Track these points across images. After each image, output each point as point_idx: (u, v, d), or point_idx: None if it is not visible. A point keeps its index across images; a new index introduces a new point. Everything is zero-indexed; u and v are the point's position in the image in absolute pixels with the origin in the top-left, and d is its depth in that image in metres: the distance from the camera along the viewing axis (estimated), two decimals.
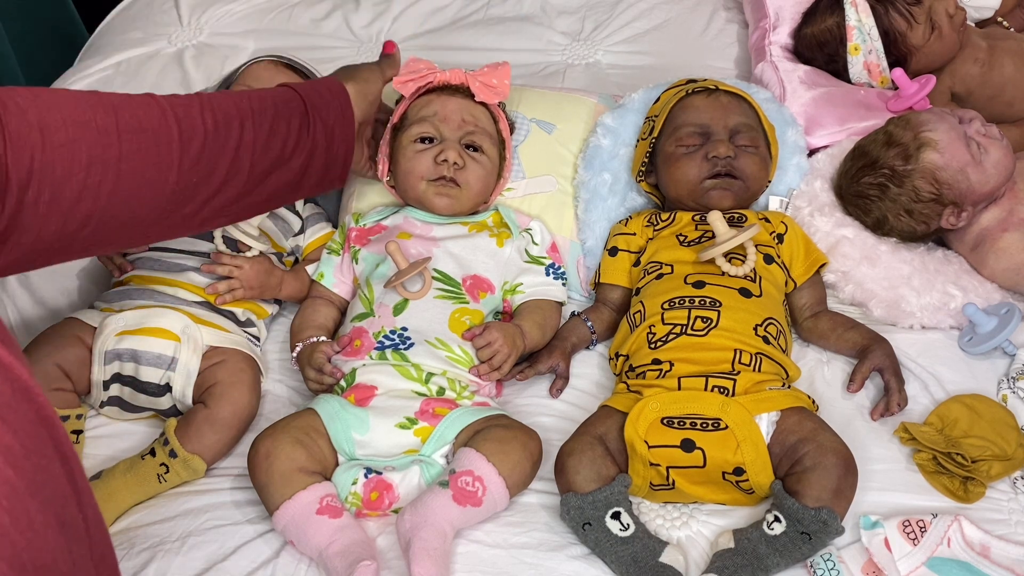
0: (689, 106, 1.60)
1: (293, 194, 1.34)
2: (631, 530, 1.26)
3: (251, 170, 1.21)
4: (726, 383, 1.33)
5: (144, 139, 1.08)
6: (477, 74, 1.60)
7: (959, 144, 1.54)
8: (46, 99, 1.02)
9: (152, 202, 1.11)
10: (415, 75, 1.57)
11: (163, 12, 2.36)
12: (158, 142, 1.10)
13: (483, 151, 1.58)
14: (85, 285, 1.73)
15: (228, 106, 1.21)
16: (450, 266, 1.52)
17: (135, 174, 1.07)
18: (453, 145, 1.55)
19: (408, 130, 1.57)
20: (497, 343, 1.44)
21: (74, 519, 0.71)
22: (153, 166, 1.09)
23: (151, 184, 1.10)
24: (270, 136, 1.23)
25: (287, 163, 1.27)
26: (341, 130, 1.34)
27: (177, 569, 1.28)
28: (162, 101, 1.14)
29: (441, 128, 1.56)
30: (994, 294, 1.56)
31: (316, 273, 1.61)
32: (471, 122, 1.58)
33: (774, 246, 1.54)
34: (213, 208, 1.20)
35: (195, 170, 1.14)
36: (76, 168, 1.01)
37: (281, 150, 1.25)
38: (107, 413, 1.51)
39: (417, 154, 1.55)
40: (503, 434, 1.33)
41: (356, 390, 1.40)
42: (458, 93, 1.59)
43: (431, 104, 1.57)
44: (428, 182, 1.55)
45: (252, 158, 1.21)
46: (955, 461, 1.32)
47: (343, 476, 1.33)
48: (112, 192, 1.05)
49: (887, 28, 1.82)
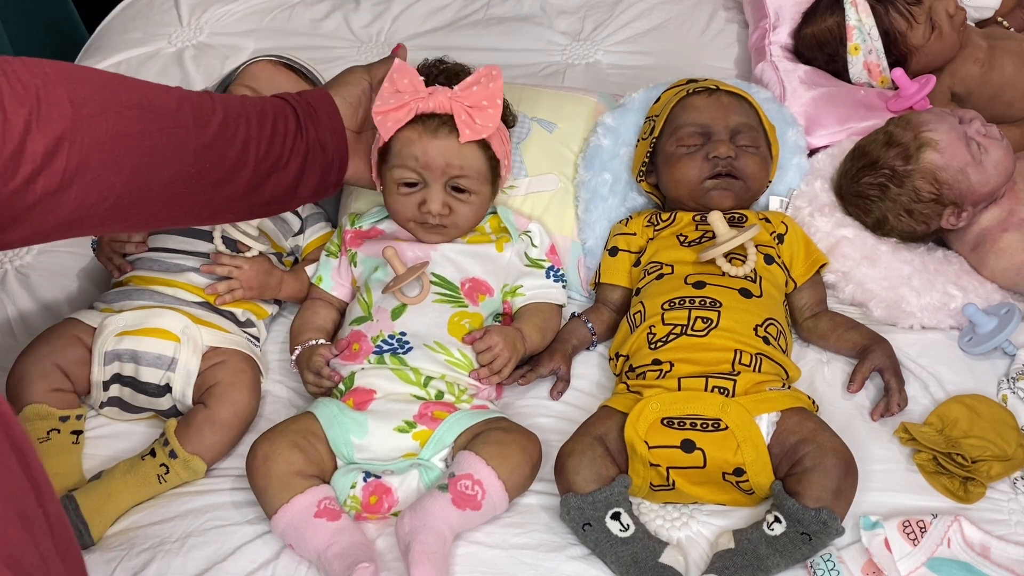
0: (690, 106, 1.60)
1: (291, 199, 1.35)
2: (631, 531, 1.26)
3: (256, 167, 1.24)
4: (726, 383, 1.33)
5: (164, 120, 1.12)
6: (463, 96, 1.43)
7: (959, 144, 1.54)
8: (73, 72, 1.05)
9: (169, 183, 1.13)
10: (396, 102, 1.42)
11: (163, 12, 2.36)
12: (176, 124, 1.13)
13: (471, 191, 1.50)
14: (85, 285, 1.73)
15: (235, 104, 1.24)
16: (448, 270, 1.52)
17: (156, 152, 1.10)
18: (437, 194, 1.47)
19: (391, 170, 1.48)
20: (497, 347, 1.44)
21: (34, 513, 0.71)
22: (172, 147, 1.12)
23: (170, 163, 1.13)
24: (272, 136, 1.25)
25: (286, 166, 1.28)
26: (332, 137, 1.35)
27: (177, 569, 1.28)
28: (178, 89, 1.18)
29: (423, 174, 1.47)
30: (994, 294, 1.56)
31: (314, 276, 1.61)
32: (456, 166, 1.46)
33: (774, 246, 1.54)
34: (220, 200, 1.22)
35: (207, 156, 1.17)
36: (103, 140, 1.04)
37: (280, 151, 1.27)
38: (107, 413, 1.51)
39: (402, 197, 1.49)
40: (502, 437, 1.33)
41: (355, 394, 1.40)
42: (442, 129, 1.44)
43: (412, 145, 1.45)
44: (416, 223, 1.52)
45: (257, 154, 1.23)
46: (955, 461, 1.32)
47: (342, 480, 1.33)
48: (134, 168, 1.08)
49: (887, 28, 1.82)
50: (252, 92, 1.64)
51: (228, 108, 1.21)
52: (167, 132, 1.12)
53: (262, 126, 1.25)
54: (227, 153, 1.20)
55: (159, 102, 1.13)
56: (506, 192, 1.67)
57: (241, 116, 1.22)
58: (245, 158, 1.22)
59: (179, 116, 1.14)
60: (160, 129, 1.11)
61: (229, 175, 1.21)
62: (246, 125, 1.22)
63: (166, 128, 1.12)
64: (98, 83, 1.07)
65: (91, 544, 1.32)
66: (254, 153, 1.23)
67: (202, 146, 1.16)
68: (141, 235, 1.57)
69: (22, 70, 1.00)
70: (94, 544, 1.33)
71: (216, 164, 1.19)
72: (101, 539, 1.34)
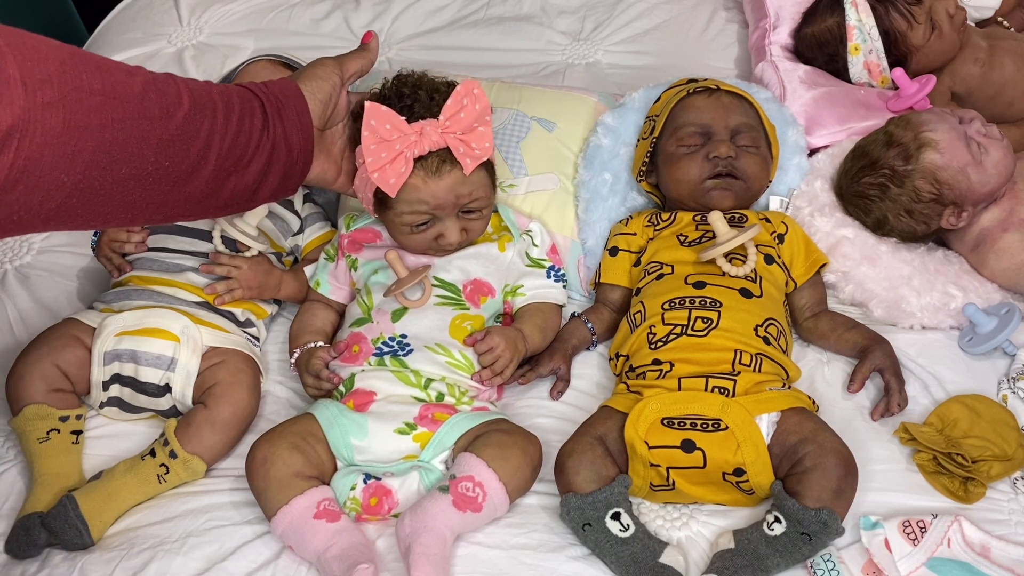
0: (690, 106, 1.60)
1: (250, 201, 1.23)
2: (631, 531, 1.26)
3: (217, 165, 1.12)
4: (726, 384, 1.33)
5: (128, 109, 0.98)
6: (453, 125, 1.37)
7: (959, 144, 1.54)
8: (30, 46, 0.90)
9: (124, 181, 1.01)
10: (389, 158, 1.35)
11: (163, 12, 2.36)
12: (140, 114, 1.00)
13: (482, 210, 1.49)
14: (84, 286, 1.73)
15: (202, 92, 1.11)
16: (451, 273, 1.51)
17: (115, 146, 0.97)
18: (453, 226, 1.46)
19: (399, 216, 1.44)
20: (499, 348, 1.43)
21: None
22: (133, 140, 1.00)
23: (128, 159, 1.00)
24: (237, 131, 1.14)
25: (247, 166, 1.17)
26: (298, 136, 1.23)
27: (177, 569, 1.28)
28: (140, 70, 1.04)
29: (435, 212, 1.44)
30: (994, 294, 1.56)
31: (312, 280, 1.60)
32: (466, 195, 1.44)
33: (774, 246, 1.54)
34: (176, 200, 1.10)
35: (168, 151, 1.04)
36: (59, 133, 0.90)
37: (244, 149, 1.15)
38: (107, 414, 1.51)
39: (414, 235, 1.47)
40: (503, 439, 1.33)
41: (355, 395, 1.40)
42: (444, 166, 1.39)
43: (419, 191, 1.40)
44: (432, 250, 1.51)
45: (220, 151, 1.11)
46: (955, 461, 1.32)
47: (342, 481, 1.33)
48: (90, 163, 0.95)
49: (887, 28, 1.82)
50: None
51: (195, 96, 1.08)
52: (128, 123, 0.98)
53: (228, 120, 1.12)
54: (189, 149, 1.07)
55: (123, 86, 0.98)
56: (506, 191, 1.67)
57: (207, 107, 1.09)
58: (207, 155, 1.10)
59: (144, 104, 1.00)
60: (122, 119, 0.97)
61: (189, 173, 1.09)
62: (211, 118, 1.10)
63: (129, 118, 0.98)
64: (56, 61, 0.92)
65: (91, 544, 1.32)
66: (216, 150, 1.11)
67: (164, 140, 1.03)
68: (141, 235, 1.57)
69: None
70: (94, 544, 1.33)
71: (176, 161, 1.06)
72: (101, 539, 1.34)
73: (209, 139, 1.09)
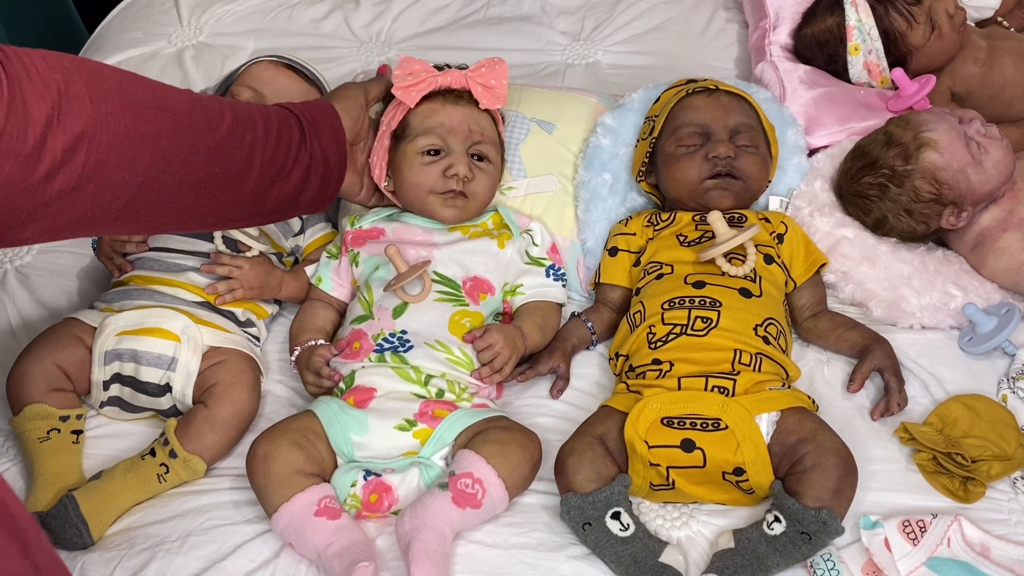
0: (689, 106, 1.60)
1: (292, 209, 1.35)
2: (631, 530, 1.26)
3: (261, 173, 1.23)
4: (726, 383, 1.33)
5: (179, 120, 1.12)
6: (475, 75, 1.56)
7: (959, 144, 1.54)
8: (93, 68, 1.04)
9: (179, 185, 1.13)
10: (414, 79, 1.53)
11: (163, 12, 2.36)
12: (189, 125, 1.13)
13: (489, 160, 1.57)
14: (85, 285, 1.73)
15: (242, 108, 1.24)
16: (450, 268, 1.52)
17: (170, 152, 1.10)
18: (462, 158, 1.53)
19: (413, 141, 1.53)
20: (498, 345, 1.44)
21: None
22: (185, 147, 1.12)
23: (182, 164, 1.12)
24: (277, 143, 1.26)
25: (288, 175, 1.28)
26: (335, 148, 1.36)
27: (177, 569, 1.28)
28: (188, 91, 1.18)
29: (448, 139, 1.53)
30: (994, 294, 1.56)
31: (314, 277, 1.61)
32: (477, 132, 1.55)
33: (774, 246, 1.54)
34: (224, 206, 1.22)
35: (217, 159, 1.17)
36: (121, 138, 1.03)
37: (284, 160, 1.27)
38: (107, 413, 1.51)
39: (424, 167, 1.53)
40: (503, 436, 1.33)
41: (355, 392, 1.40)
42: (461, 100, 1.55)
43: (436, 114, 1.54)
44: (436, 194, 1.54)
45: (263, 160, 1.23)
46: (955, 461, 1.32)
47: (342, 478, 1.33)
48: (148, 167, 1.07)
49: (887, 28, 1.82)
50: (253, 92, 1.64)
51: (236, 112, 1.21)
52: (181, 132, 1.11)
53: (268, 133, 1.24)
54: (235, 157, 1.19)
55: (173, 101, 1.12)
56: (505, 193, 1.67)
57: (248, 121, 1.22)
58: (251, 163, 1.22)
59: (192, 116, 1.14)
60: (175, 129, 1.10)
61: (236, 180, 1.21)
62: (252, 131, 1.22)
63: (180, 128, 1.11)
64: (115, 79, 1.06)
65: (91, 544, 1.32)
66: (259, 159, 1.22)
67: (212, 148, 1.16)
68: (141, 235, 1.57)
69: (42, 64, 0.98)
70: (94, 544, 1.33)
71: (224, 167, 1.18)
72: (101, 539, 1.34)
73: (252, 149, 1.22)
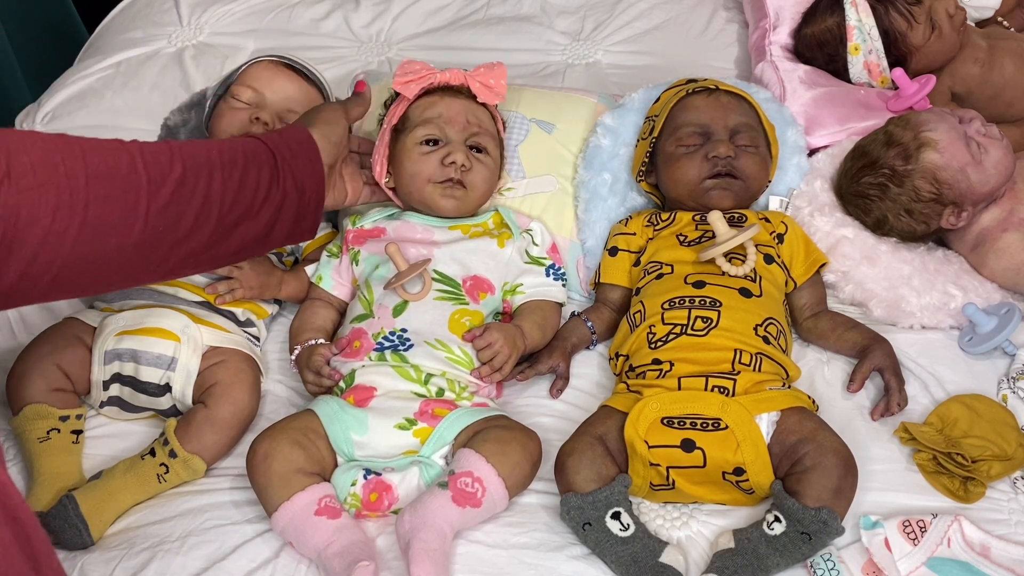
0: (689, 106, 1.60)
1: (262, 246, 1.27)
2: (631, 530, 1.26)
3: (219, 221, 1.17)
4: (726, 383, 1.33)
5: (112, 185, 1.05)
6: (474, 74, 1.59)
7: (959, 144, 1.54)
8: (14, 141, 0.99)
9: (117, 250, 1.07)
10: (414, 76, 1.57)
11: (163, 12, 2.36)
12: (126, 188, 1.07)
13: (487, 152, 1.58)
14: None
15: (198, 155, 1.17)
16: (450, 267, 1.52)
17: (101, 221, 1.04)
18: (460, 147, 1.54)
19: (412, 132, 1.56)
20: (498, 344, 1.44)
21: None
22: (119, 213, 1.06)
23: (116, 231, 1.06)
24: (240, 188, 1.19)
25: (256, 216, 1.22)
26: (311, 182, 1.30)
27: (177, 569, 1.28)
28: (131, 147, 1.11)
29: (446, 130, 1.55)
30: (994, 294, 1.56)
31: (315, 276, 1.61)
32: (475, 123, 1.57)
33: (774, 246, 1.54)
34: (178, 257, 1.16)
35: (162, 218, 1.10)
36: (42, 213, 0.98)
37: (251, 202, 1.21)
38: (107, 413, 1.51)
39: (423, 156, 1.54)
40: (503, 435, 1.33)
41: (355, 391, 1.40)
42: (460, 94, 1.59)
43: (435, 106, 1.57)
44: (434, 184, 1.55)
45: (221, 209, 1.16)
46: (955, 461, 1.32)
47: (342, 477, 1.34)
48: (76, 239, 1.02)
49: (887, 28, 1.82)
50: (253, 92, 1.64)
51: (189, 161, 1.14)
52: (114, 198, 1.05)
53: (228, 178, 1.17)
54: (185, 212, 1.13)
55: (107, 164, 1.06)
56: (503, 194, 1.67)
57: (203, 169, 1.15)
58: (207, 213, 1.15)
59: (130, 178, 1.07)
60: (106, 195, 1.04)
61: (188, 234, 1.14)
62: (208, 179, 1.15)
63: (113, 193, 1.05)
64: (40, 150, 1.00)
65: (91, 544, 1.32)
66: (217, 207, 1.16)
67: (156, 210, 1.09)
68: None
69: None
70: (94, 544, 1.33)
71: (171, 225, 1.12)
72: (101, 539, 1.34)
73: (207, 198, 1.14)
